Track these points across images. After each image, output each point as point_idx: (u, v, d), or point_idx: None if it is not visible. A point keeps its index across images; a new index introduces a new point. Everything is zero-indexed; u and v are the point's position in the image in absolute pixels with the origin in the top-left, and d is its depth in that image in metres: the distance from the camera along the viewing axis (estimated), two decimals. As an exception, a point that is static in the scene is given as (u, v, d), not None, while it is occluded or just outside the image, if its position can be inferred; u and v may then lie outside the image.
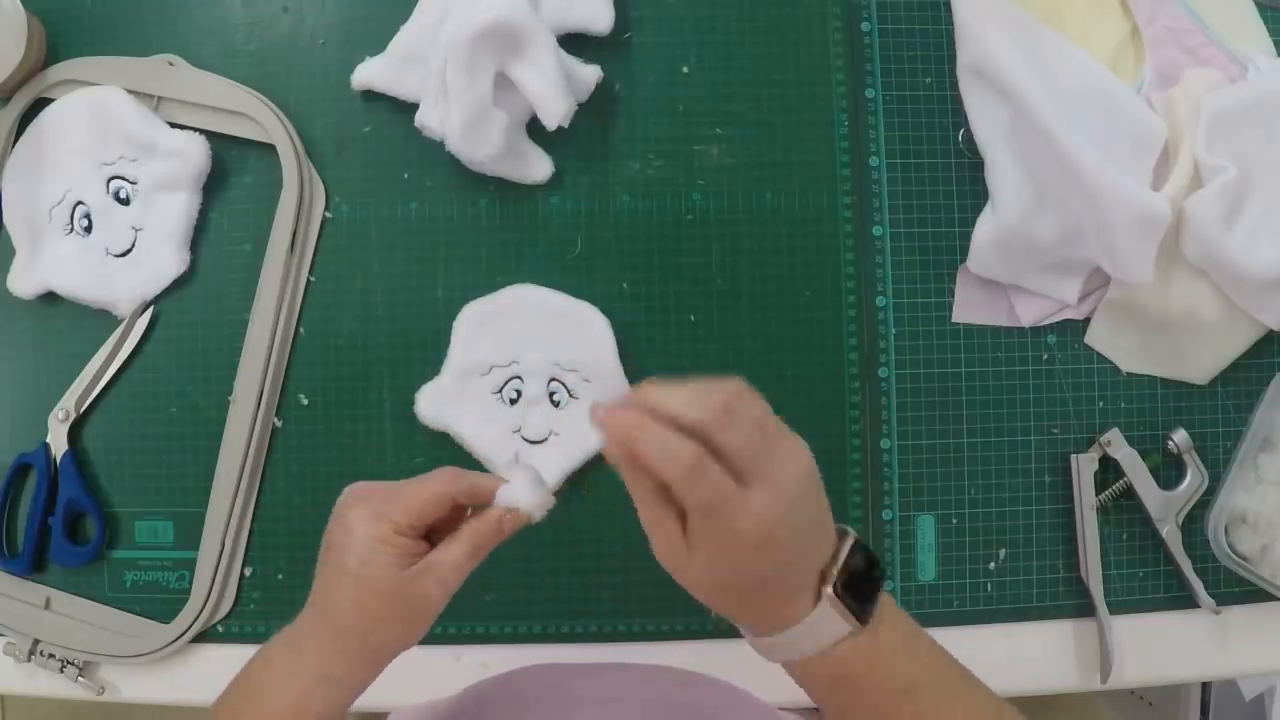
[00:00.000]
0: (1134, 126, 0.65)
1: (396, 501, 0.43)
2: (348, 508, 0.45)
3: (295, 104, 0.69)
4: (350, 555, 0.43)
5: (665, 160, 0.69)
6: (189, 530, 0.68)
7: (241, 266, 0.68)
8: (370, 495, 0.45)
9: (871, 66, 0.70)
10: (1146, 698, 1.10)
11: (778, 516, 0.39)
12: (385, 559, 0.43)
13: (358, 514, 0.44)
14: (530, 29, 0.63)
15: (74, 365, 0.68)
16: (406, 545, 0.43)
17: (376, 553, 0.43)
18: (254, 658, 0.47)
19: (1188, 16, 0.69)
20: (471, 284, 0.68)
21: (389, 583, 0.43)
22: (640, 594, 0.67)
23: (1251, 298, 0.66)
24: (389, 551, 0.43)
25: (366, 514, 0.43)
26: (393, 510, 0.43)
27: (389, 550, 0.43)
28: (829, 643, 0.41)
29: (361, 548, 0.43)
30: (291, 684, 0.44)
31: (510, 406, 0.67)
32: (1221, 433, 0.69)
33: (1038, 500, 0.69)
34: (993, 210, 0.67)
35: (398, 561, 0.43)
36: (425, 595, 0.44)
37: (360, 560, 0.43)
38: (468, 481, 0.45)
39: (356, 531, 0.43)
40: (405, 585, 0.43)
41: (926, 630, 0.45)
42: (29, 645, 0.66)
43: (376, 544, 0.43)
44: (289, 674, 0.44)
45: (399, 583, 0.43)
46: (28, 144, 0.69)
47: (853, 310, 0.69)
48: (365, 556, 0.43)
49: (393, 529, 0.43)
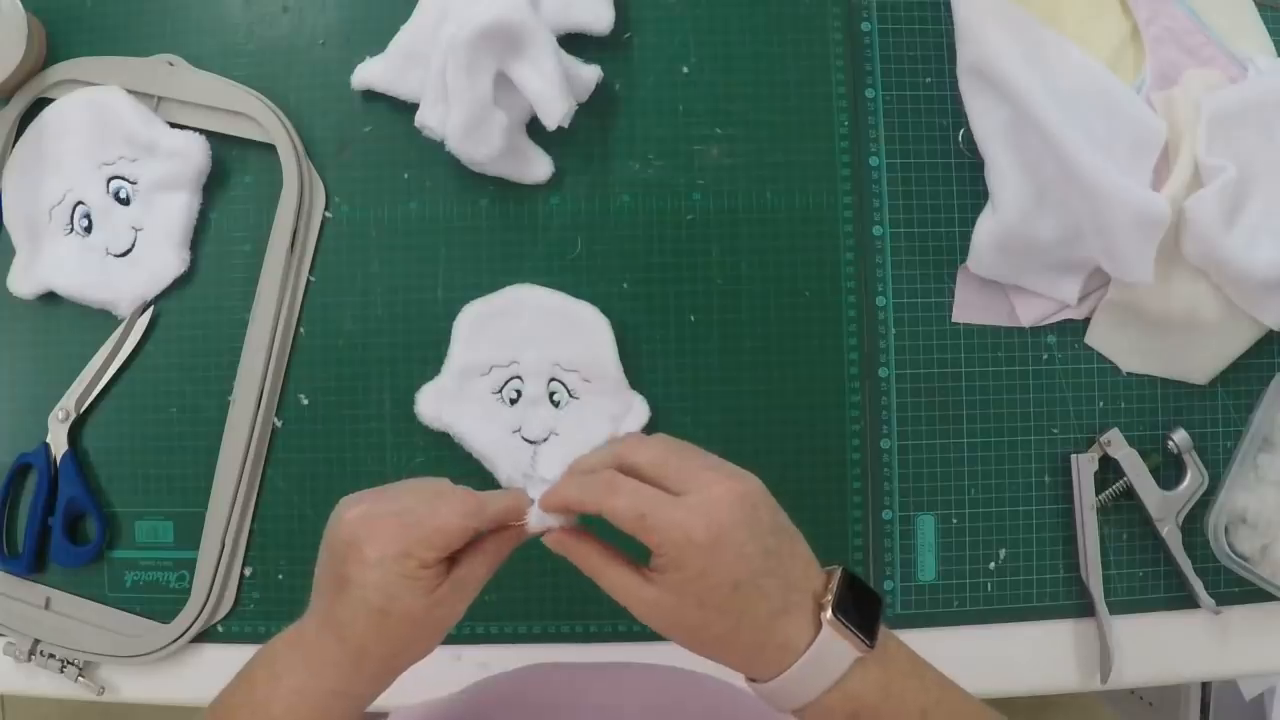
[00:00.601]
0: (1134, 126, 0.65)
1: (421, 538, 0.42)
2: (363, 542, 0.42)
3: (295, 104, 0.69)
4: (374, 591, 0.41)
5: (665, 160, 0.69)
6: (189, 530, 0.68)
7: (241, 266, 0.68)
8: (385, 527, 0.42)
9: (871, 66, 0.70)
10: (1146, 698, 1.11)
11: (720, 519, 0.39)
12: (414, 594, 0.42)
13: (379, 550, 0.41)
14: (530, 29, 0.63)
15: (74, 365, 0.68)
16: (432, 575, 0.42)
17: (404, 589, 0.41)
18: (254, 668, 0.45)
19: (1188, 16, 0.69)
20: (471, 284, 0.68)
21: (415, 617, 0.42)
22: (640, 594, 0.67)
23: (1251, 298, 0.66)
24: (417, 587, 0.42)
25: (389, 551, 0.41)
26: (418, 549, 0.41)
27: (417, 585, 0.42)
28: (840, 671, 0.40)
29: (387, 585, 0.41)
30: (305, 702, 0.43)
31: (510, 406, 0.67)
32: (1221, 433, 0.69)
33: (1038, 500, 0.69)
34: (993, 210, 0.67)
35: (425, 593, 0.42)
36: (452, 612, 0.44)
37: (387, 597, 0.41)
38: (490, 514, 0.44)
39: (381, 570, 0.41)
40: (434, 610, 0.42)
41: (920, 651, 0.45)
42: (29, 645, 0.66)
43: (403, 581, 0.41)
44: (301, 693, 0.43)
45: (426, 612, 0.42)
46: (28, 144, 0.69)
47: (853, 310, 0.69)
48: (392, 593, 0.41)
49: (419, 565, 0.41)
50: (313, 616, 0.44)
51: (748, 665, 0.42)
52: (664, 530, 0.39)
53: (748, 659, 0.42)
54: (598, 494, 0.41)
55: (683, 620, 0.41)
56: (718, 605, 0.40)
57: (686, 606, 0.40)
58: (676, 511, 0.40)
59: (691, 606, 0.40)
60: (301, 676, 0.43)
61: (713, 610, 0.40)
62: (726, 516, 0.40)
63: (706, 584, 0.40)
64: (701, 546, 0.39)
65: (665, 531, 0.39)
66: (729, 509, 0.40)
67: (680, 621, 0.41)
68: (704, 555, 0.39)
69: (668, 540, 0.39)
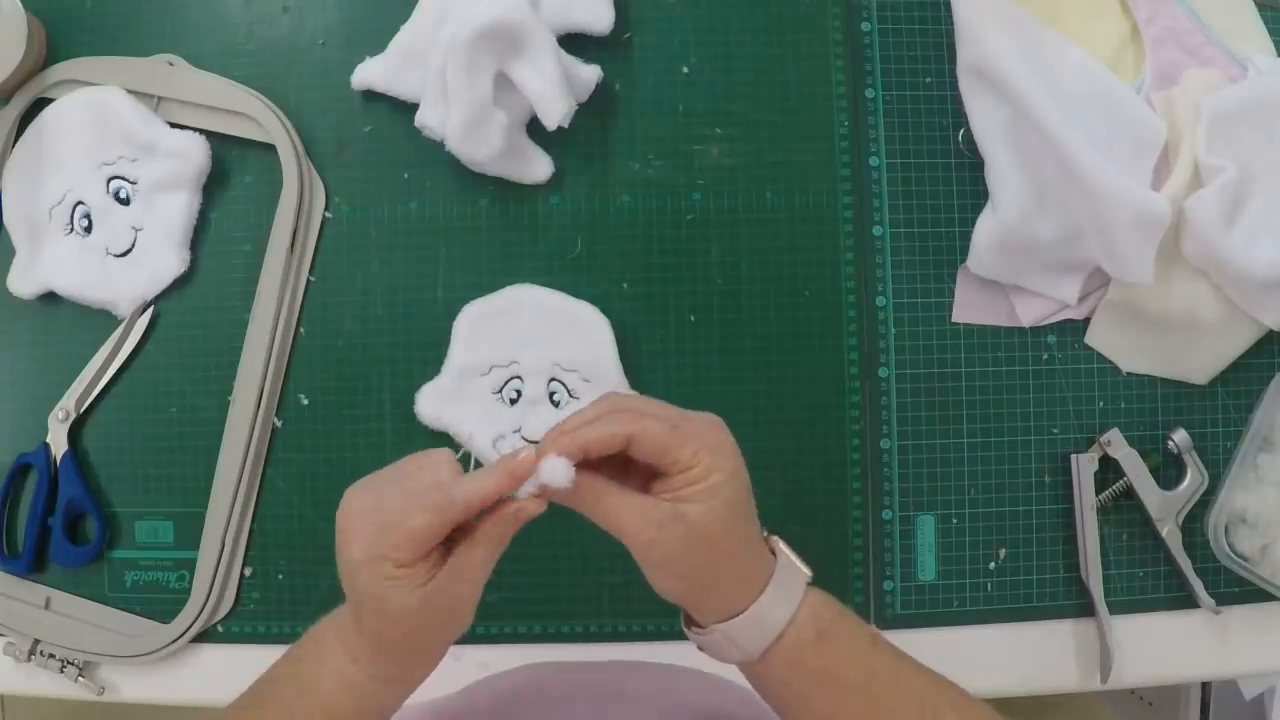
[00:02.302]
0: (1134, 126, 0.65)
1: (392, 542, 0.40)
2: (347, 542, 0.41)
3: (295, 104, 0.69)
4: (364, 594, 0.41)
5: (665, 160, 0.69)
6: (189, 530, 0.68)
7: (241, 266, 0.68)
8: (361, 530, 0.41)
9: (871, 66, 0.70)
10: (1146, 698, 1.11)
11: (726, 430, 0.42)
12: (399, 594, 0.41)
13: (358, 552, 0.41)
14: (530, 29, 0.63)
15: (74, 365, 0.68)
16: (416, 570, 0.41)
17: (388, 590, 0.41)
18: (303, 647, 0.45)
19: (1188, 16, 0.69)
20: (471, 284, 0.68)
21: (412, 611, 0.41)
22: (640, 594, 0.67)
23: (1251, 298, 0.66)
24: (400, 586, 0.41)
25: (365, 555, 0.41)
26: (387, 550, 0.40)
27: (399, 585, 0.41)
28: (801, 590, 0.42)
29: (372, 587, 0.41)
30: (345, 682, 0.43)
31: (510, 406, 0.67)
32: (1221, 433, 0.69)
33: (1038, 500, 0.69)
34: (993, 210, 0.67)
35: (413, 589, 0.41)
36: (458, 597, 0.42)
37: (375, 598, 0.41)
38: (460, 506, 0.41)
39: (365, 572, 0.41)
40: (431, 601, 0.41)
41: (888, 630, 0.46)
42: (29, 645, 0.66)
43: (384, 583, 0.41)
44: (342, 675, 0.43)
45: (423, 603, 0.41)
46: (28, 144, 0.69)
47: (853, 310, 0.69)
48: (378, 594, 0.41)
49: (394, 565, 0.40)
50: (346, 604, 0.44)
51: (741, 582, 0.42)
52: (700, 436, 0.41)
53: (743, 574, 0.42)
54: (626, 423, 0.41)
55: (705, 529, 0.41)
56: (739, 511, 0.41)
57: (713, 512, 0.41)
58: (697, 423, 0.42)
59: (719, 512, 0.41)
60: (342, 660, 0.43)
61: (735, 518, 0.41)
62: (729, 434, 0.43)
63: (736, 487, 0.41)
64: (732, 451, 0.42)
65: (701, 437, 0.41)
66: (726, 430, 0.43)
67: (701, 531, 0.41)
68: (734, 458, 0.41)
69: (704, 446, 0.41)
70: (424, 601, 0.41)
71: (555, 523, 0.67)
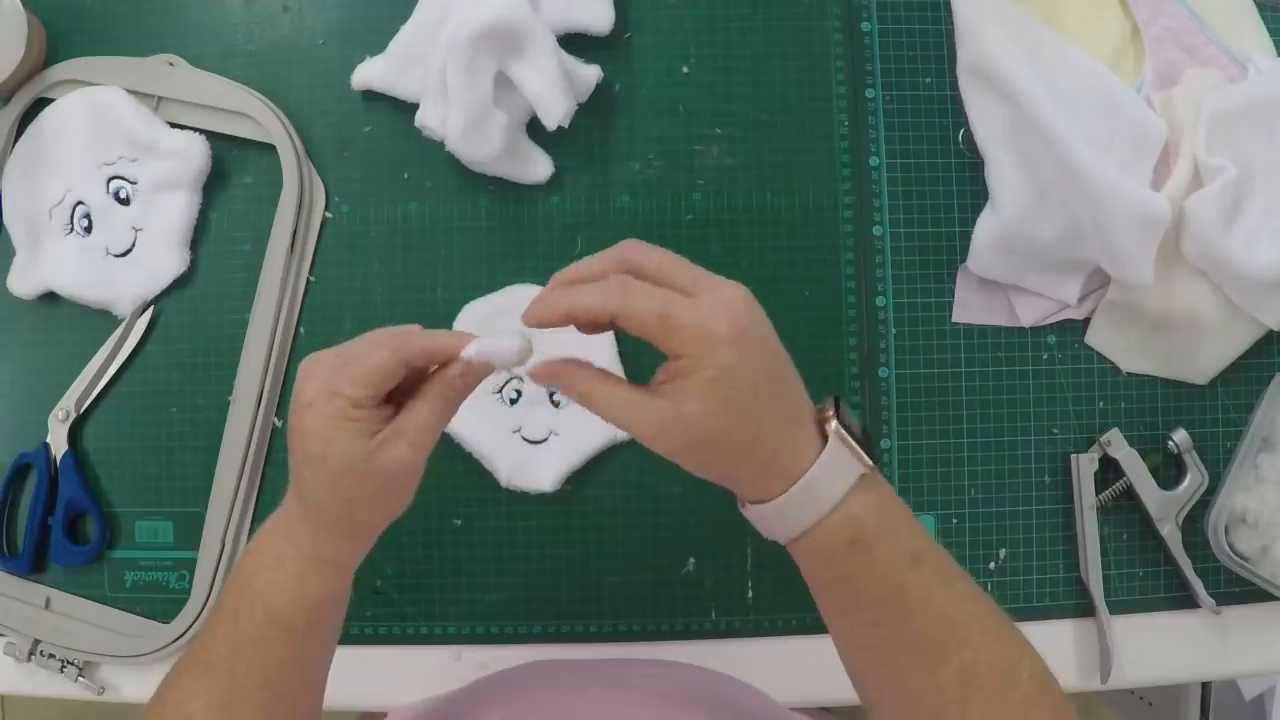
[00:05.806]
0: (1134, 126, 0.65)
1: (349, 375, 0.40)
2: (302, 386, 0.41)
3: (295, 104, 0.69)
4: (312, 438, 0.40)
5: (665, 160, 0.69)
6: (189, 530, 0.68)
7: (241, 266, 0.68)
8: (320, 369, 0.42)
9: (871, 66, 0.70)
10: (1146, 698, 1.10)
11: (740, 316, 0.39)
12: (347, 436, 0.40)
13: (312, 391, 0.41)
14: (530, 29, 0.63)
15: (74, 365, 0.68)
16: (367, 416, 0.41)
17: (338, 430, 0.40)
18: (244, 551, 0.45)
19: (1188, 16, 0.69)
20: (471, 284, 0.68)
21: (357, 459, 0.40)
22: (640, 594, 0.67)
23: (1251, 298, 0.66)
24: (350, 428, 0.40)
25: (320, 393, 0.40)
26: (343, 385, 0.40)
27: (350, 427, 0.40)
28: (845, 486, 0.39)
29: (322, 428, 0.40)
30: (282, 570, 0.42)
31: (510, 406, 0.67)
32: (1221, 433, 0.69)
33: (1038, 500, 0.69)
34: (993, 210, 0.67)
35: (361, 436, 0.40)
36: (399, 461, 0.41)
37: (323, 441, 0.40)
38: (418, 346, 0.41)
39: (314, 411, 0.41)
40: (375, 456, 0.41)
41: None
42: (29, 645, 0.66)
43: (335, 421, 0.40)
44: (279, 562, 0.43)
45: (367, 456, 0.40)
46: (28, 144, 0.69)
47: (853, 310, 0.69)
48: (327, 437, 0.40)
49: (349, 404, 0.40)
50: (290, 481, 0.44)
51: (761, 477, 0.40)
52: (691, 327, 0.38)
53: (762, 470, 0.40)
54: (614, 297, 0.39)
55: (703, 429, 0.39)
56: (742, 406, 0.39)
57: (710, 412, 0.38)
58: (698, 309, 0.38)
59: (715, 411, 0.38)
60: (279, 544, 0.43)
61: (736, 413, 0.39)
62: (745, 315, 0.39)
63: (733, 382, 0.38)
64: (728, 341, 0.38)
65: (692, 329, 0.38)
66: (745, 308, 0.40)
67: (699, 432, 0.39)
68: (731, 350, 0.38)
69: (695, 337, 0.38)
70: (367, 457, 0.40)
71: (555, 523, 0.68)
